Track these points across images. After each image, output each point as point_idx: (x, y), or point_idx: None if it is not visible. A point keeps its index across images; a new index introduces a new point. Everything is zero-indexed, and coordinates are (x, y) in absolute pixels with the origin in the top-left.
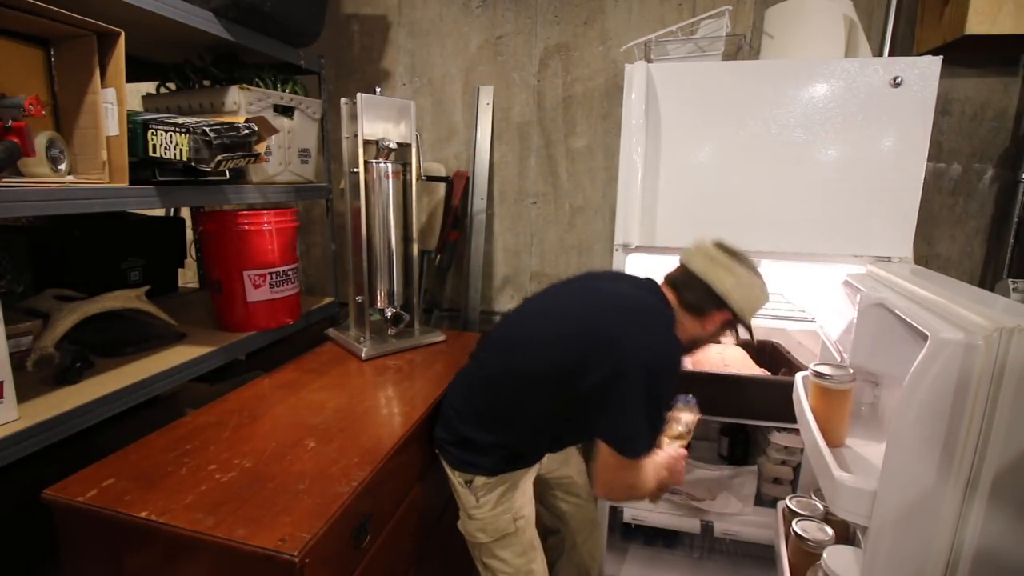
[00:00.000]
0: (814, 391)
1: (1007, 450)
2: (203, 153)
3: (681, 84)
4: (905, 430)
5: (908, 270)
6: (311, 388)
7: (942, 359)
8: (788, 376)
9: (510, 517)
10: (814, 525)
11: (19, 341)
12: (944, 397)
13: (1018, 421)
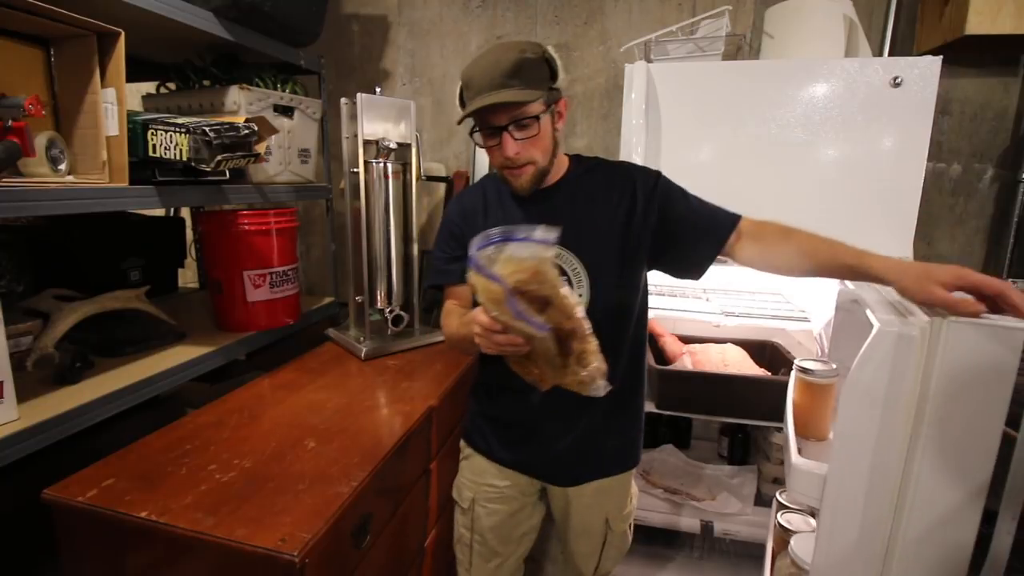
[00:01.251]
0: (798, 386)
1: (941, 436)
2: (203, 153)
3: (681, 84)
4: (848, 416)
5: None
6: (311, 388)
7: (880, 349)
8: (788, 376)
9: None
10: (799, 517)
11: (19, 341)
12: (882, 384)
13: (949, 409)
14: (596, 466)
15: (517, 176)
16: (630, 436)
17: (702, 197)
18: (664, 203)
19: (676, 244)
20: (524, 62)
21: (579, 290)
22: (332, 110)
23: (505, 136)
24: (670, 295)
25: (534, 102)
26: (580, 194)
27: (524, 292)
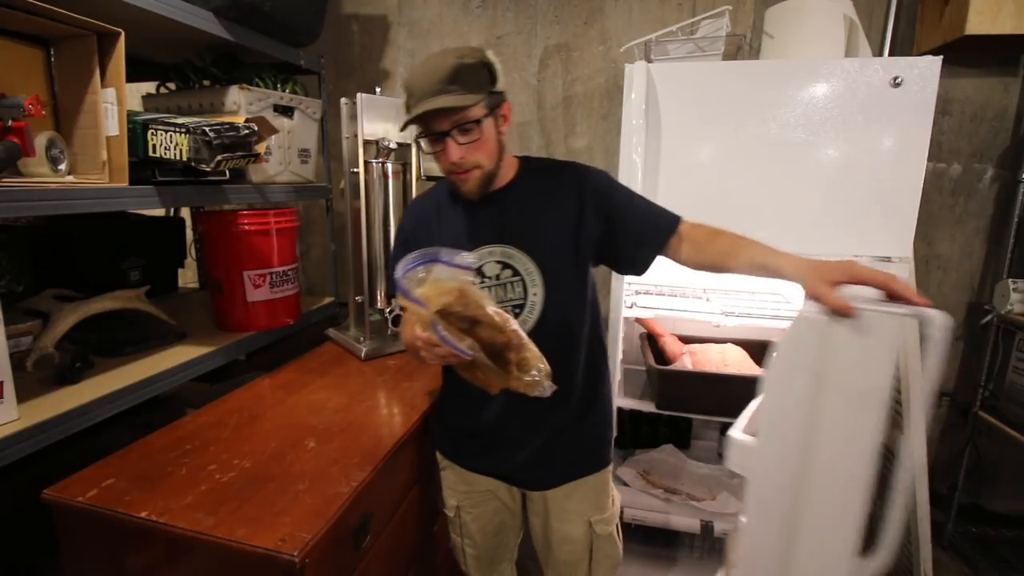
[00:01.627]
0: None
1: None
2: (203, 153)
3: (681, 84)
4: (769, 393)
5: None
6: (311, 388)
7: (794, 331)
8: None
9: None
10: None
11: (19, 341)
12: (795, 365)
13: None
14: (567, 467)
15: (464, 180)
16: (598, 433)
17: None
18: (609, 206)
19: (619, 245)
20: (462, 68)
21: (534, 290)
22: (332, 110)
23: (448, 141)
24: (670, 295)
25: (475, 106)
26: (530, 195)
27: (451, 313)
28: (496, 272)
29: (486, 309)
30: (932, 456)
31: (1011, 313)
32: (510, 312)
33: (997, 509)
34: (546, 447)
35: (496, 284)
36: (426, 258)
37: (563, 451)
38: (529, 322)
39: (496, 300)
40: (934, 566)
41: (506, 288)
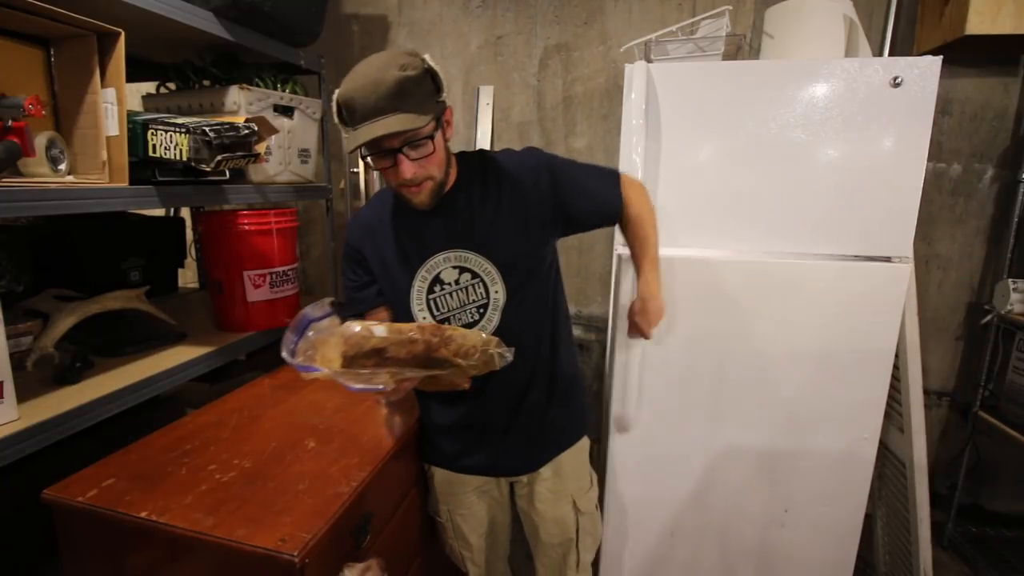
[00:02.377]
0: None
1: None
2: (203, 153)
3: (681, 84)
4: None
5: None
6: (311, 388)
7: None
8: None
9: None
10: None
11: (19, 341)
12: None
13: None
14: (547, 444)
15: (416, 193)
16: (574, 406)
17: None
18: (554, 190)
19: (572, 224)
20: (406, 81)
21: (495, 288)
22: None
23: (400, 159)
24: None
25: (427, 123)
26: (477, 194)
27: (353, 358)
28: (455, 277)
29: (376, 336)
30: (932, 456)
31: (1011, 313)
32: (475, 313)
33: (997, 509)
34: (526, 429)
35: (456, 288)
36: (299, 328)
37: (543, 430)
38: (495, 319)
39: (459, 304)
40: (934, 566)
41: (467, 291)
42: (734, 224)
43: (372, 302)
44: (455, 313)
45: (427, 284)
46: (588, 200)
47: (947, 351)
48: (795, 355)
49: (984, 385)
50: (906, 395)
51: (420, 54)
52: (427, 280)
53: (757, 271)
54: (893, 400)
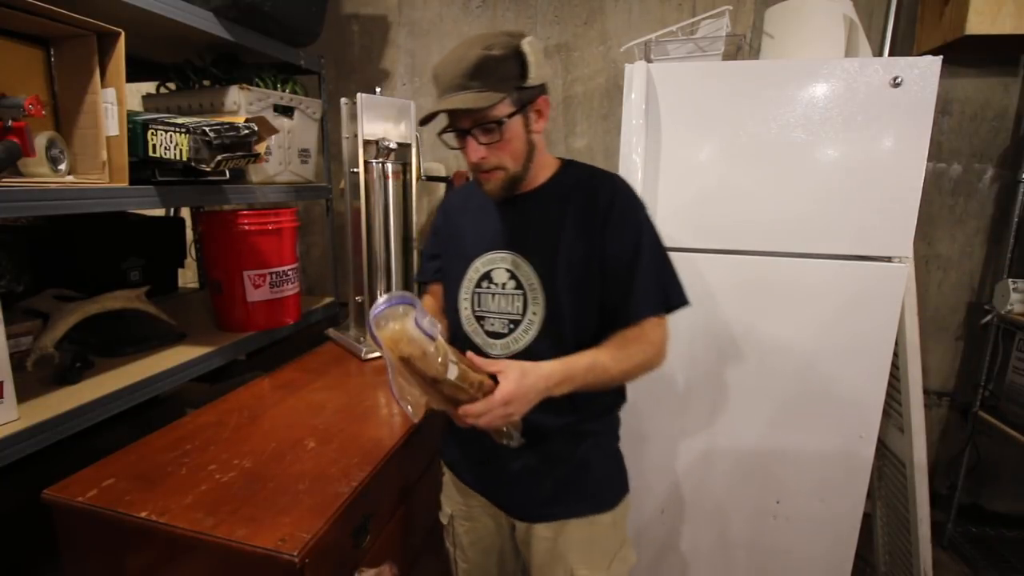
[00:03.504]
0: None
1: None
2: (203, 153)
3: (681, 84)
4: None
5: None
6: (311, 388)
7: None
8: None
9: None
10: None
11: (19, 341)
12: None
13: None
14: (553, 503)
15: (487, 180)
16: (597, 473)
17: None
18: (618, 241)
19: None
20: (487, 60)
21: (534, 308)
22: (332, 110)
23: (469, 140)
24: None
25: (496, 104)
26: (555, 206)
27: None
28: (503, 280)
29: (446, 376)
30: (932, 456)
31: (1011, 313)
32: (506, 325)
33: (997, 509)
34: (531, 474)
35: (501, 293)
36: (405, 299)
37: (550, 484)
38: (521, 342)
39: (497, 309)
40: (934, 566)
41: (509, 299)
42: (734, 224)
43: (431, 276)
44: (490, 316)
45: (478, 277)
46: (621, 286)
47: (947, 351)
48: (793, 353)
49: (984, 385)
50: (906, 395)
51: (524, 35)
52: (479, 272)
53: (757, 270)
54: (893, 400)
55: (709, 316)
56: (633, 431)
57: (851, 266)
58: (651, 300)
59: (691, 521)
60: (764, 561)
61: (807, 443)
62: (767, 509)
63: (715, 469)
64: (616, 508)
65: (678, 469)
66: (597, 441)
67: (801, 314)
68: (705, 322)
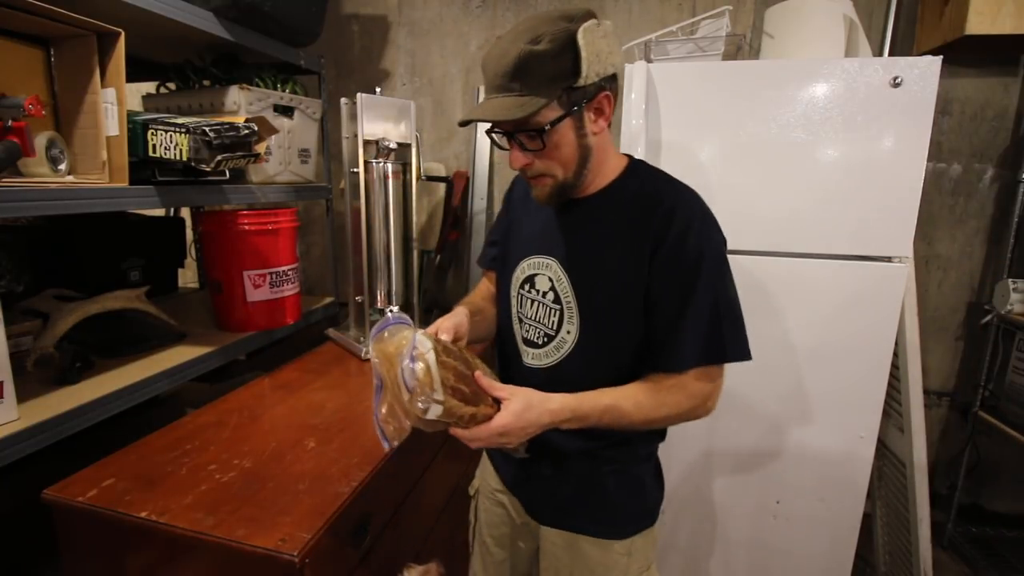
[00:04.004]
0: None
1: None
2: (203, 153)
3: (681, 84)
4: None
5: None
6: (311, 388)
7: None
8: None
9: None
10: None
11: (19, 341)
12: None
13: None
14: (569, 511)
15: (534, 186)
16: (618, 498)
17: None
18: (664, 283)
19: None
20: (531, 57)
21: (568, 327)
22: (332, 110)
23: (513, 145)
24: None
25: (539, 111)
26: (606, 218)
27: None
28: (545, 289)
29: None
30: (932, 456)
31: (1011, 313)
32: (542, 337)
33: (997, 509)
34: (548, 479)
35: (540, 300)
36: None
37: (564, 493)
38: (552, 357)
39: (534, 317)
40: (934, 566)
41: (546, 311)
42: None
43: (487, 263)
44: (528, 323)
45: (523, 278)
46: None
47: (947, 351)
48: (792, 353)
49: (984, 385)
50: (906, 395)
51: (589, 17)
52: (524, 274)
53: (757, 270)
54: (893, 400)
55: None
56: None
57: (851, 266)
58: (699, 349)
59: (691, 521)
60: (764, 561)
61: (807, 443)
62: (767, 509)
63: (715, 469)
64: (631, 539)
65: (678, 469)
66: (618, 468)
67: (801, 314)
68: None
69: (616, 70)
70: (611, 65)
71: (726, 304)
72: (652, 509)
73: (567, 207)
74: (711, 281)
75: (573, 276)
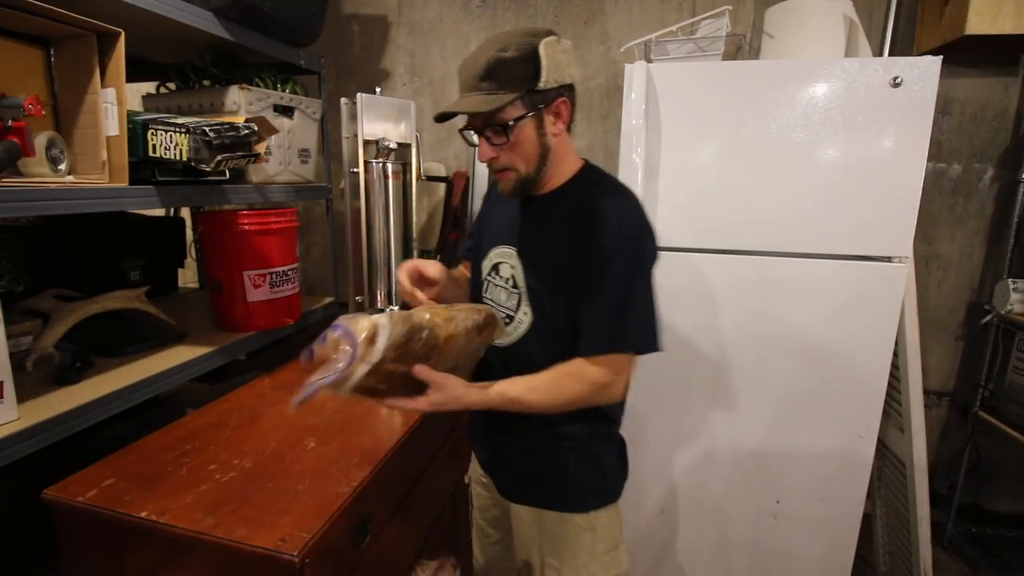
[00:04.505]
0: None
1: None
2: (203, 153)
3: (681, 84)
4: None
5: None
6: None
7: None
8: None
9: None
10: None
11: (19, 341)
12: None
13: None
14: (532, 487)
15: (500, 179)
16: (575, 473)
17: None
18: (586, 273)
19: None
20: (499, 63)
21: (524, 309)
22: (332, 110)
23: (481, 140)
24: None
25: (504, 107)
26: (556, 214)
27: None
28: (507, 275)
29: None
30: (932, 456)
31: (1011, 313)
32: (503, 319)
33: (997, 509)
34: (513, 458)
35: (502, 287)
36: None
37: (528, 471)
38: (512, 336)
39: (498, 300)
40: (934, 566)
41: (508, 295)
42: (734, 224)
43: (463, 253)
44: (494, 306)
45: (490, 266)
46: (581, 313)
47: (947, 351)
48: (792, 353)
49: (984, 385)
50: (906, 395)
51: (549, 35)
52: (492, 262)
53: (757, 270)
54: (893, 400)
55: (709, 316)
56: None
57: (851, 266)
58: (603, 338)
59: (691, 521)
60: (764, 561)
61: (807, 443)
62: (767, 509)
63: (715, 469)
64: (591, 513)
65: (678, 469)
66: (575, 445)
67: (801, 314)
68: (705, 322)
69: (573, 81)
70: (568, 76)
71: (636, 298)
72: (612, 487)
73: (528, 203)
74: (623, 276)
75: (525, 264)
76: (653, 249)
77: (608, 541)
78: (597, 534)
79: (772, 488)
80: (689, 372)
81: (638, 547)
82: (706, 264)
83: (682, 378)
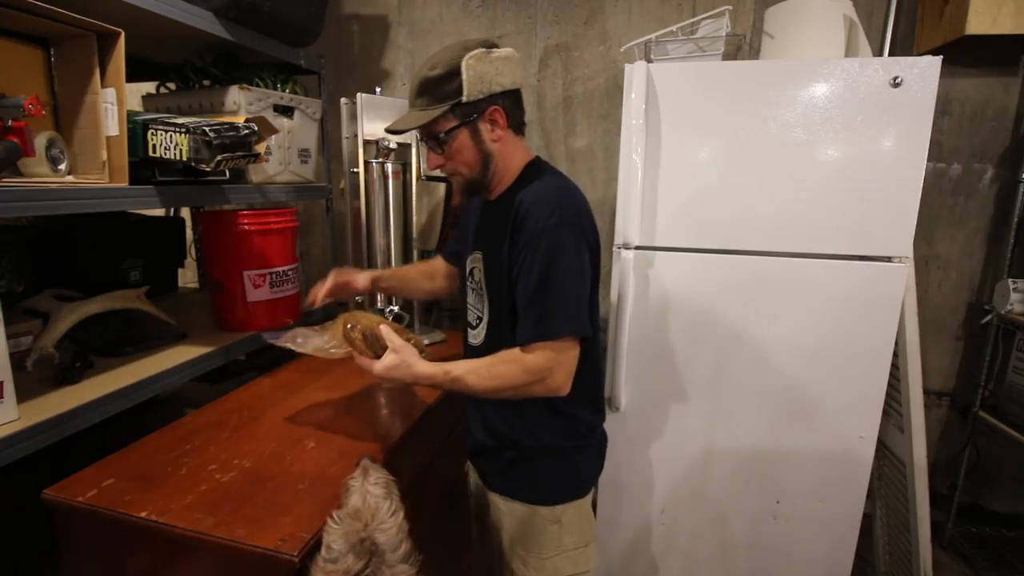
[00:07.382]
0: None
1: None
2: (203, 153)
3: (681, 84)
4: None
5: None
6: (311, 388)
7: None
8: None
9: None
10: None
11: (19, 341)
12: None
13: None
14: (504, 476)
15: (453, 182)
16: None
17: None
18: (516, 268)
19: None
20: (427, 80)
21: (487, 306)
22: (332, 110)
23: (428, 150)
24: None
25: (436, 121)
26: (503, 215)
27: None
28: (479, 278)
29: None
30: (932, 456)
31: (1011, 313)
32: (475, 319)
33: (997, 509)
34: (488, 449)
35: (475, 289)
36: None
37: (501, 462)
38: (479, 336)
39: (471, 302)
40: (934, 566)
41: (478, 296)
42: (734, 223)
43: (446, 255)
44: (470, 308)
45: (467, 271)
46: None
47: (947, 351)
48: (793, 353)
49: (984, 385)
50: (906, 395)
51: (481, 47)
52: (468, 267)
53: (756, 270)
54: (893, 400)
55: (709, 316)
56: (633, 432)
57: (851, 266)
58: (532, 326)
59: (691, 521)
60: (764, 561)
61: (807, 443)
62: (767, 509)
63: (715, 469)
64: (558, 507)
65: (678, 469)
66: (543, 446)
67: (801, 314)
68: (705, 322)
69: (506, 88)
70: (498, 85)
71: (555, 286)
72: (580, 483)
73: (487, 207)
74: (543, 265)
75: (485, 267)
76: (576, 237)
77: (576, 536)
78: (563, 528)
79: (772, 488)
80: (689, 372)
81: (638, 547)
82: (706, 264)
83: (683, 377)
